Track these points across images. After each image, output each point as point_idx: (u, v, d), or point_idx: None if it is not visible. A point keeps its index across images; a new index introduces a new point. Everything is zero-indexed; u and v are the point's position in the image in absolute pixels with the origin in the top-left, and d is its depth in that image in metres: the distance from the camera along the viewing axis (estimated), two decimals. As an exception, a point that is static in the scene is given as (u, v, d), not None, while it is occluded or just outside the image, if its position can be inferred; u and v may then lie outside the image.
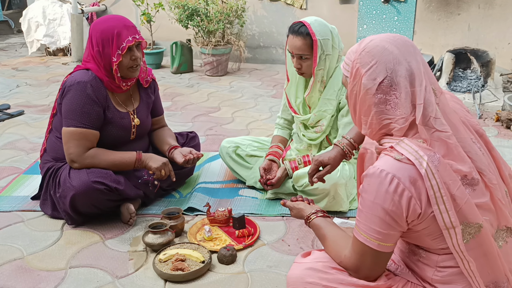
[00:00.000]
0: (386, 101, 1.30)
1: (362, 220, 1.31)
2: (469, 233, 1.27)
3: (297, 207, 1.72)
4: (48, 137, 2.47)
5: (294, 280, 1.44)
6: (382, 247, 1.30)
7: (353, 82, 1.35)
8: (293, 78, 2.56)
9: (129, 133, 2.44)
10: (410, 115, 1.28)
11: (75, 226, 2.36)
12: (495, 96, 4.29)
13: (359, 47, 1.34)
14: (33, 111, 4.20)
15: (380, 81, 1.29)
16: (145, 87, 2.52)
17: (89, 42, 2.30)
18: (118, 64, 2.25)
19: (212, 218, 2.35)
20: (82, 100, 2.25)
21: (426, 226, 1.28)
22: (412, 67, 1.29)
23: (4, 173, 2.97)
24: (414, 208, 1.24)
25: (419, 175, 1.23)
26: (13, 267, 2.06)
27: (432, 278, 1.36)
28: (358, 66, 1.32)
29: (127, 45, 2.23)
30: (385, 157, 1.28)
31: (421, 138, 1.28)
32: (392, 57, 1.28)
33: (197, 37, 5.47)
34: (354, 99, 1.37)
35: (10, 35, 8.21)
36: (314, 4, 5.79)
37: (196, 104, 4.46)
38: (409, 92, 1.28)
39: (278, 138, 2.74)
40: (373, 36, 1.34)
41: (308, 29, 2.29)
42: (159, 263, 2.03)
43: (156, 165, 2.34)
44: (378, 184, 1.25)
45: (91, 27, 2.31)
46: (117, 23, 2.26)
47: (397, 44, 1.30)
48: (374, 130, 1.35)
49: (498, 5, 5.06)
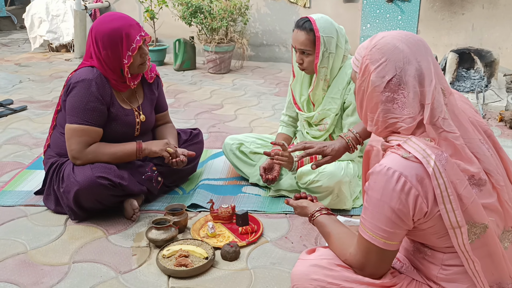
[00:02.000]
0: (394, 100, 1.29)
1: (368, 218, 1.30)
2: (475, 233, 1.27)
3: (300, 205, 1.71)
4: (52, 133, 2.47)
5: (298, 276, 1.44)
6: (388, 245, 1.29)
7: (362, 78, 1.34)
8: (298, 74, 2.55)
9: (133, 129, 2.44)
10: (418, 114, 1.28)
11: (79, 221, 2.36)
12: (499, 96, 4.28)
13: (370, 43, 1.33)
14: (36, 106, 4.20)
15: (388, 79, 1.28)
16: (150, 82, 2.53)
17: (93, 44, 2.27)
18: (129, 65, 2.26)
19: (215, 215, 2.36)
20: (86, 98, 2.25)
21: (432, 225, 1.28)
22: (422, 67, 1.28)
23: (7, 168, 2.97)
24: (421, 207, 1.24)
25: (426, 173, 1.22)
26: (16, 261, 2.06)
27: (437, 276, 1.35)
28: (367, 63, 1.31)
29: (137, 45, 2.24)
30: (392, 155, 1.27)
31: (428, 137, 1.27)
32: (403, 56, 1.28)
33: (200, 35, 5.46)
34: (361, 95, 1.36)
35: (13, 31, 8.21)
36: (317, 3, 5.78)
37: (199, 101, 4.46)
38: (418, 92, 1.27)
39: (282, 136, 2.73)
40: (386, 33, 1.33)
41: (312, 25, 2.29)
42: (162, 258, 2.03)
43: (159, 148, 2.37)
44: (385, 182, 1.24)
45: (93, 29, 2.27)
46: (122, 24, 2.24)
47: (409, 43, 1.29)
48: (380, 127, 1.35)
49: (502, 5, 5.05)
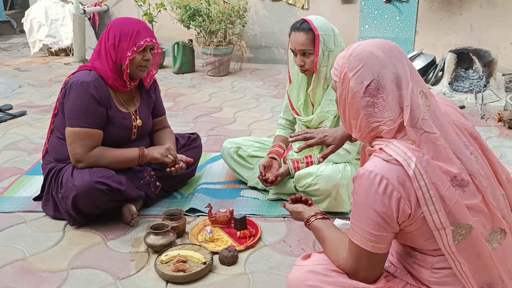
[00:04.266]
0: (374, 104, 1.32)
1: (356, 222, 1.33)
2: (460, 234, 1.28)
3: (296, 210, 1.73)
4: (50, 138, 2.48)
5: (294, 283, 1.44)
6: (377, 248, 1.31)
7: (342, 86, 1.38)
8: (295, 79, 2.56)
9: (130, 133, 2.46)
10: (398, 117, 1.31)
11: (77, 227, 2.36)
12: (497, 96, 4.28)
13: (347, 52, 1.37)
14: (35, 111, 4.21)
15: (367, 84, 1.31)
16: (146, 88, 2.55)
17: (104, 36, 2.35)
18: (130, 60, 2.30)
19: (213, 219, 2.36)
20: (86, 100, 2.26)
21: (418, 227, 1.29)
22: (398, 71, 1.31)
23: (6, 174, 2.98)
24: (404, 209, 1.26)
25: (407, 176, 1.24)
26: (15, 268, 2.07)
27: (428, 280, 1.36)
28: (346, 71, 1.35)
29: (144, 44, 2.30)
30: (374, 159, 1.30)
31: (410, 140, 1.30)
32: (378, 61, 1.31)
33: (199, 37, 5.47)
34: (343, 103, 1.40)
35: (13, 35, 8.23)
36: (315, 4, 5.79)
37: (198, 104, 4.46)
38: (396, 95, 1.31)
39: (279, 138, 2.74)
40: (361, 42, 1.38)
41: (310, 25, 2.31)
42: (160, 264, 2.04)
43: (160, 154, 2.40)
44: (367, 185, 1.27)
45: (110, 23, 2.38)
46: (139, 24, 2.36)
47: (383, 48, 1.33)
48: (364, 133, 1.38)
49: (501, 5, 5.05)
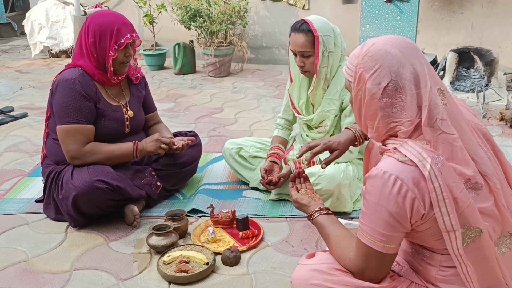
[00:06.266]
0: (392, 105, 1.29)
1: (366, 222, 1.30)
2: (470, 237, 1.27)
3: (301, 202, 1.65)
4: (46, 142, 2.48)
5: (298, 282, 1.43)
6: (387, 248, 1.30)
7: (357, 87, 1.34)
8: (296, 79, 2.56)
9: (123, 125, 2.46)
10: (416, 117, 1.28)
11: (79, 229, 2.36)
12: (499, 95, 4.27)
13: (361, 51, 1.32)
14: (37, 113, 4.21)
15: (385, 85, 1.28)
16: (135, 83, 2.59)
17: (84, 33, 2.33)
18: (113, 59, 2.31)
19: (215, 220, 2.35)
20: (72, 97, 2.27)
21: (429, 227, 1.28)
22: (416, 69, 1.28)
23: (8, 176, 2.98)
24: (418, 209, 1.24)
25: (422, 177, 1.22)
26: (17, 269, 2.06)
27: (435, 278, 1.36)
28: (361, 71, 1.31)
29: (125, 42, 2.30)
30: (388, 159, 1.28)
31: (424, 140, 1.27)
32: (396, 61, 1.28)
33: (200, 38, 5.47)
34: (359, 104, 1.36)
35: (14, 37, 8.23)
36: (316, 4, 5.79)
37: (199, 105, 4.46)
38: (415, 94, 1.27)
39: (278, 139, 2.73)
40: (375, 39, 1.33)
41: (310, 26, 2.30)
42: (163, 265, 2.03)
43: (153, 147, 2.41)
44: (381, 185, 1.24)
45: (88, 19, 2.34)
46: (117, 19, 2.33)
47: (400, 47, 1.29)
48: (381, 133, 1.35)
49: (502, 4, 5.04)
